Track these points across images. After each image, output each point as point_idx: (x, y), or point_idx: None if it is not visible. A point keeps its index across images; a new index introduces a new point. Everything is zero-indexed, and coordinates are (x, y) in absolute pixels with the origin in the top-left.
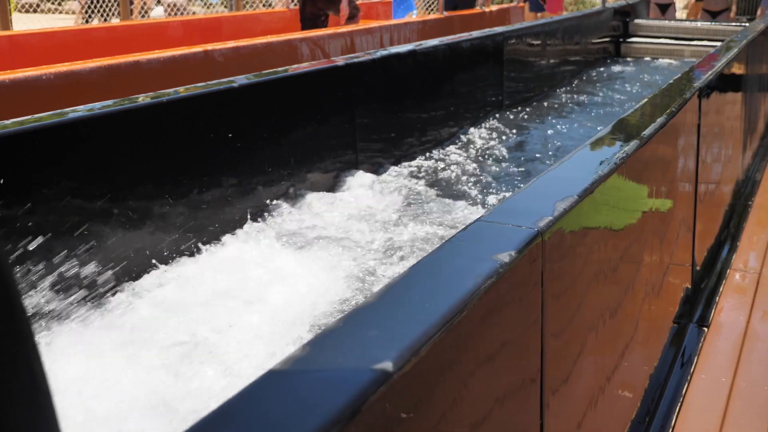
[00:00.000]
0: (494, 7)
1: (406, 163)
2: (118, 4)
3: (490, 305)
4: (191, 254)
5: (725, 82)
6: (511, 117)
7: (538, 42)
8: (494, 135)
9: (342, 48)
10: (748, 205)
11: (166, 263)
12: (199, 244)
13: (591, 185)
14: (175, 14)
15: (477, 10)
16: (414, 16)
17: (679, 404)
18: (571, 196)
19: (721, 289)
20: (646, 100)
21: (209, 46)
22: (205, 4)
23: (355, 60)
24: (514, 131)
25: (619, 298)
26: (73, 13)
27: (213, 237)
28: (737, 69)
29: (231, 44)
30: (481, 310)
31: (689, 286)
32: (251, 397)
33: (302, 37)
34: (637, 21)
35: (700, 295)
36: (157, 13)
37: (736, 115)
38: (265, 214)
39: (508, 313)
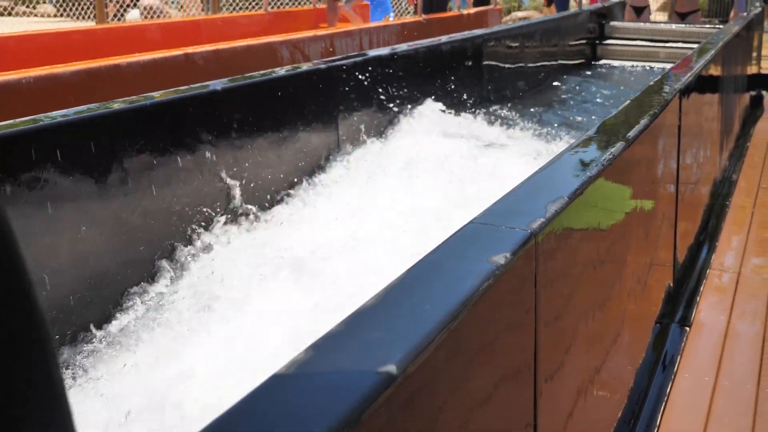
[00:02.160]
0: (472, 10)
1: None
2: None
3: (489, 305)
4: None
5: (703, 84)
6: (495, 116)
7: (517, 44)
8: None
9: (322, 51)
10: (726, 205)
11: None
12: None
13: (580, 186)
14: (152, 17)
15: (455, 12)
16: (391, 19)
17: (664, 403)
18: (561, 198)
19: (701, 289)
20: (628, 101)
21: (190, 49)
22: (180, 7)
23: (337, 62)
24: (505, 130)
25: (606, 297)
26: (49, 16)
27: None
28: (714, 71)
29: (211, 47)
30: (481, 310)
31: (671, 286)
32: (255, 405)
33: (282, 40)
34: (613, 23)
35: (682, 295)
36: (133, 16)
37: (714, 117)
38: None
39: (505, 311)
